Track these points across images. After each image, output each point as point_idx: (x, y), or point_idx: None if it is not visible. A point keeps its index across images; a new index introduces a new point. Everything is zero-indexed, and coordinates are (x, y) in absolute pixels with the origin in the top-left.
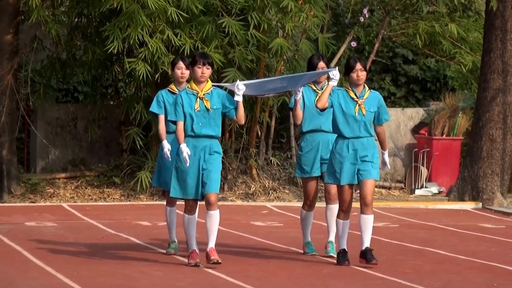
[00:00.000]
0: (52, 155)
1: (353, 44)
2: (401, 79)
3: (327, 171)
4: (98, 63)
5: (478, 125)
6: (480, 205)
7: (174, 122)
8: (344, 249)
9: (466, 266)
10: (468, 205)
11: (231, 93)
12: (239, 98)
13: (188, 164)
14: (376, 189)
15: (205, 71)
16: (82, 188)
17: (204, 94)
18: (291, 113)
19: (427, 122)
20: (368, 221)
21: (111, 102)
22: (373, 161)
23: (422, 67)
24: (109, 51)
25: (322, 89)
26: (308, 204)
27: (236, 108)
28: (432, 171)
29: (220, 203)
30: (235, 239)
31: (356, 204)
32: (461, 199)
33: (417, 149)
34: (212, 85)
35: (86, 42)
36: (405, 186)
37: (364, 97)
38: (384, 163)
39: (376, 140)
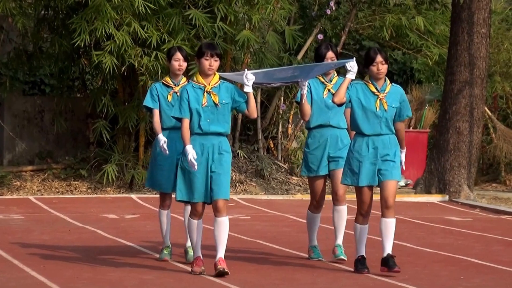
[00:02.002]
0: (19, 148)
1: (320, 36)
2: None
3: (344, 171)
4: (65, 56)
5: (445, 118)
6: (446, 197)
7: (179, 120)
8: (363, 256)
9: (432, 259)
10: (435, 198)
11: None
12: (249, 89)
13: (196, 168)
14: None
15: (213, 63)
16: (49, 181)
17: (211, 88)
18: (298, 108)
19: None
20: (390, 225)
21: (78, 95)
22: (395, 160)
23: (388, 59)
24: (76, 44)
25: (331, 81)
26: (315, 205)
27: (247, 101)
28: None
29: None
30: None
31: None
32: (428, 191)
33: None
34: (220, 77)
35: (53, 34)
36: None
37: (386, 91)
38: (400, 162)
39: None
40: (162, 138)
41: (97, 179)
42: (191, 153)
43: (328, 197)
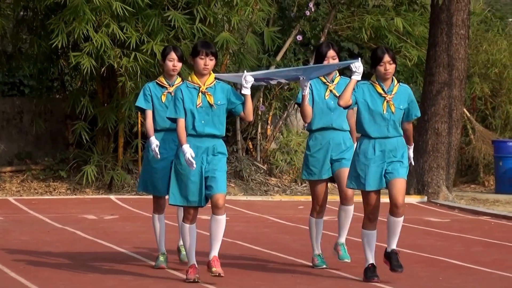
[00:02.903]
0: None
1: (299, 37)
2: (347, 73)
3: (349, 174)
4: (44, 57)
5: (423, 119)
6: (425, 198)
7: (173, 120)
8: (373, 264)
9: (412, 259)
10: (414, 199)
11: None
12: (246, 91)
13: (194, 167)
14: None
15: (208, 62)
16: (28, 182)
17: (206, 88)
18: (299, 109)
19: None
20: (397, 224)
21: (57, 96)
22: (403, 161)
23: (367, 61)
24: (54, 45)
25: (333, 81)
26: (318, 210)
27: (243, 103)
28: None
29: (167, 197)
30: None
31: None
32: (407, 192)
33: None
34: (216, 78)
35: (32, 35)
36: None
37: (393, 92)
38: (408, 158)
39: None
40: (154, 141)
41: (76, 180)
42: (188, 152)
43: (331, 198)
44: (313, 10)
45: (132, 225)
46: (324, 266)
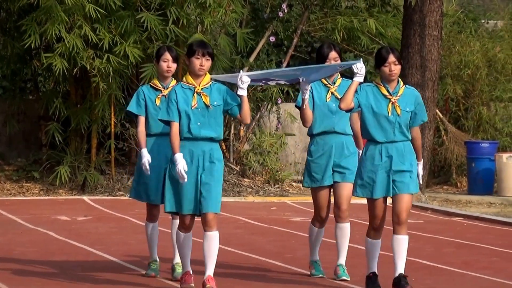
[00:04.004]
0: None
1: (272, 39)
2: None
3: (355, 182)
4: (17, 58)
5: None
6: None
7: (167, 123)
8: (374, 273)
9: (384, 260)
10: (388, 200)
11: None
12: (243, 92)
13: (185, 181)
14: (294, 184)
15: (204, 62)
16: (0, 183)
17: (202, 88)
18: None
19: None
20: (402, 243)
21: (30, 97)
22: (412, 170)
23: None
24: (27, 45)
25: (334, 83)
26: (320, 220)
27: (240, 105)
28: None
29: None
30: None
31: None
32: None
33: None
34: (211, 79)
35: (5, 37)
36: None
37: (399, 94)
38: (417, 176)
39: None
40: (145, 155)
41: (50, 181)
42: (181, 163)
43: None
44: (286, 11)
45: (105, 226)
46: (321, 275)
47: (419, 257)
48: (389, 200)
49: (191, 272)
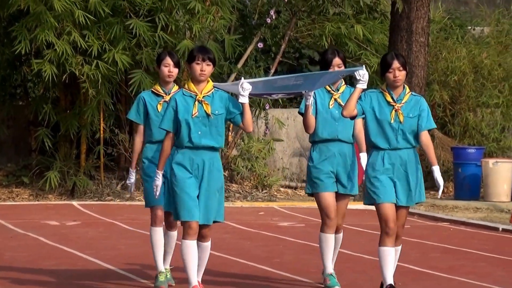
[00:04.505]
0: None
1: (260, 45)
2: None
3: (364, 191)
4: (7, 64)
5: None
6: None
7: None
8: (392, 285)
9: (371, 265)
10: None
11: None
12: (244, 99)
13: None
14: (282, 189)
15: (205, 68)
16: None
17: (203, 96)
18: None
19: None
20: (396, 253)
21: (20, 102)
22: (414, 183)
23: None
24: (17, 51)
25: (338, 90)
26: (328, 224)
27: (242, 113)
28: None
29: (125, 203)
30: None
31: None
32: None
33: None
34: (214, 86)
35: None
36: None
37: (403, 101)
38: (436, 181)
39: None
40: (132, 177)
41: (39, 186)
42: (158, 181)
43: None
44: (274, 17)
45: (94, 230)
46: (337, 287)
47: (405, 262)
48: None
49: (199, 286)
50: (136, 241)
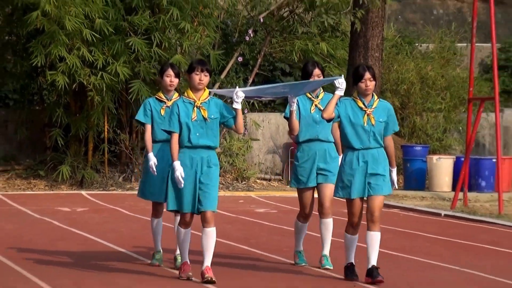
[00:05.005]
0: None
1: (240, 59)
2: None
3: (336, 184)
4: (25, 75)
5: None
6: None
7: (169, 133)
8: (352, 263)
9: (334, 246)
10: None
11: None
12: (237, 105)
13: (182, 186)
14: (258, 181)
15: (203, 78)
16: (12, 180)
17: (201, 102)
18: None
19: None
20: (375, 238)
21: (37, 107)
22: (385, 175)
23: (297, 78)
24: (34, 64)
25: (318, 96)
26: (304, 216)
27: (234, 117)
28: None
29: (127, 192)
30: (144, 224)
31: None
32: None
33: (293, 147)
34: (210, 93)
35: (16, 57)
36: (282, 178)
37: (373, 107)
38: (392, 182)
39: None
40: (152, 159)
41: (53, 178)
42: (179, 170)
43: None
44: (251, 36)
45: (99, 216)
46: (304, 264)
47: (361, 243)
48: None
49: (189, 262)
50: (135, 224)
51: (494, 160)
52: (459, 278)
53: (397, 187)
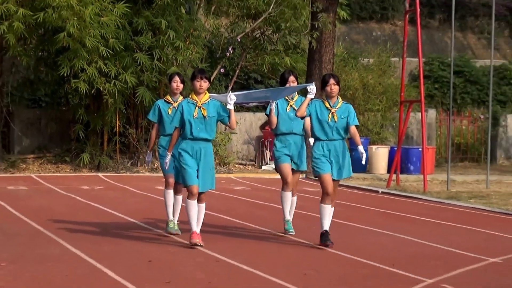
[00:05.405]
0: (24, 142)
1: (222, 70)
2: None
3: (312, 168)
4: (54, 82)
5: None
6: (305, 175)
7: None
8: (327, 230)
9: (297, 216)
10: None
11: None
12: (231, 106)
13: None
14: (236, 165)
15: (202, 84)
16: (44, 164)
17: (202, 104)
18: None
19: None
20: (330, 210)
21: (63, 108)
22: (344, 163)
23: (267, 86)
24: (61, 74)
25: (293, 98)
26: (286, 185)
27: (229, 116)
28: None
29: (134, 174)
30: (152, 201)
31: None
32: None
33: (263, 139)
34: (210, 97)
35: (47, 68)
36: (255, 163)
37: (337, 107)
38: (361, 153)
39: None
40: (149, 155)
41: (76, 163)
42: (168, 157)
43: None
44: (231, 52)
45: (113, 193)
46: (292, 231)
47: (314, 213)
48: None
49: (198, 232)
50: (141, 199)
51: (420, 149)
52: (394, 241)
53: (364, 157)
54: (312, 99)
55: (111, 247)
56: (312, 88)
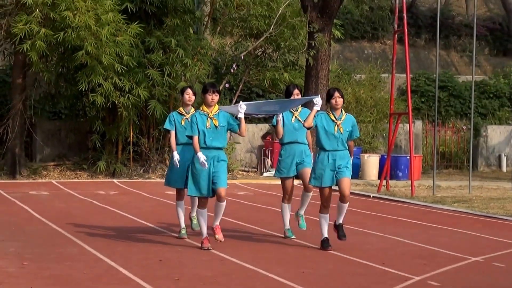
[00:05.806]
0: (46, 151)
1: (227, 85)
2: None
3: (311, 176)
4: (73, 96)
5: None
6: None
7: (191, 137)
8: (327, 237)
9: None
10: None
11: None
12: (241, 115)
13: (207, 167)
14: (240, 172)
15: (214, 97)
16: (64, 171)
17: (213, 115)
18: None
19: (270, 132)
20: (344, 207)
21: (81, 119)
22: (347, 166)
23: (267, 99)
24: (80, 89)
25: (297, 110)
26: (287, 198)
27: (239, 124)
28: (274, 161)
29: (146, 180)
30: (163, 205)
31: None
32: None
33: (265, 148)
34: (219, 108)
35: (66, 83)
36: (257, 170)
37: (342, 119)
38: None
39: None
40: (175, 156)
41: (93, 170)
42: (202, 157)
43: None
44: (235, 68)
45: (127, 197)
46: (293, 237)
47: (316, 216)
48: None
49: (208, 237)
50: (153, 204)
51: (408, 157)
52: (384, 241)
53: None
54: (318, 110)
55: (125, 247)
56: (318, 100)
